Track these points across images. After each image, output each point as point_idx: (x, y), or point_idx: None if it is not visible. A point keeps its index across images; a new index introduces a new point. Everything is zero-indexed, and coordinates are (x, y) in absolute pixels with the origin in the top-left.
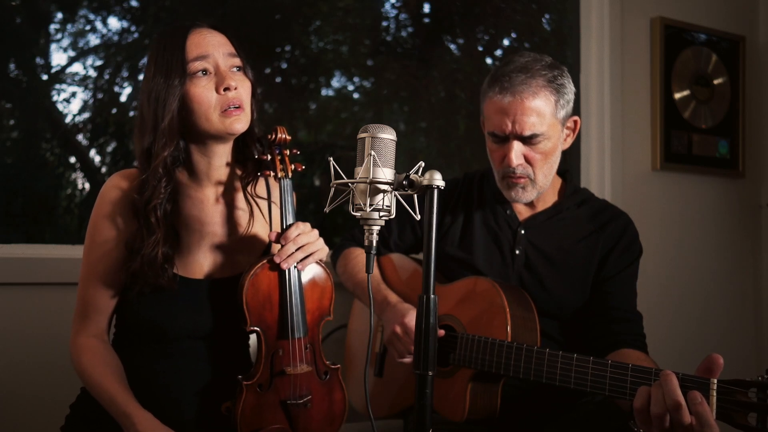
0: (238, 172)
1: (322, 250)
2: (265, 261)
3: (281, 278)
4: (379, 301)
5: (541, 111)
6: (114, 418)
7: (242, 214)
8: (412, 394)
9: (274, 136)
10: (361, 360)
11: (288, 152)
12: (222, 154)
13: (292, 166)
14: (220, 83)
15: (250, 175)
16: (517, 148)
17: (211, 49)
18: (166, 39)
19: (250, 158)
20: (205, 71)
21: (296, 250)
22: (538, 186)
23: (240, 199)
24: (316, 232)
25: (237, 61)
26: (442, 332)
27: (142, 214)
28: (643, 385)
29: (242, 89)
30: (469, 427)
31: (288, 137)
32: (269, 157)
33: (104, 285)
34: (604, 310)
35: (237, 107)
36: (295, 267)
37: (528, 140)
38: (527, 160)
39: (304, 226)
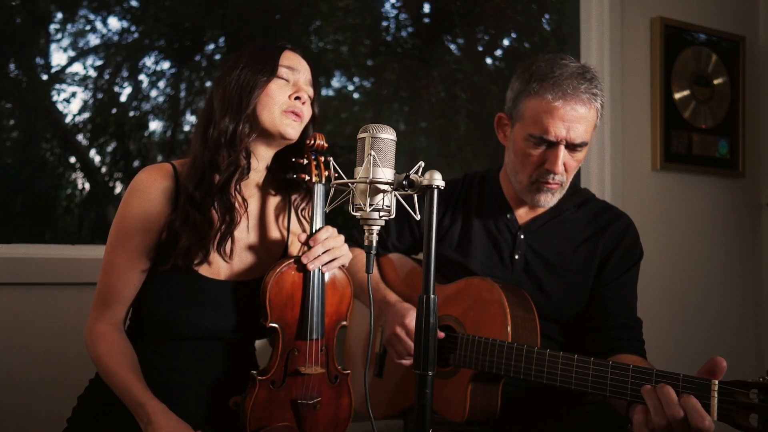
0: (273, 182)
1: (346, 255)
2: (291, 261)
3: (305, 279)
4: (378, 300)
5: (591, 121)
6: (127, 407)
7: (267, 220)
8: (411, 394)
9: (312, 142)
10: (360, 360)
11: (323, 158)
12: (262, 159)
13: (326, 172)
14: (295, 92)
15: (300, 191)
16: (562, 155)
17: (300, 67)
18: (263, 45)
19: (287, 164)
20: (287, 79)
21: (323, 252)
22: (563, 191)
23: (267, 205)
24: (342, 237)
25: (311, 91)
26: (441, 334)
27: (219, 193)
28: (641, 404)
29: (307, 108)
30: (469, 428)
31: (325, 144)
32: (305, 161)
33: (127, 274)
34: (603, 316)
35: (297, 115)
36: (319, 269)
37: (574, 148)
38: (564, 166)
39: (333, 231)
